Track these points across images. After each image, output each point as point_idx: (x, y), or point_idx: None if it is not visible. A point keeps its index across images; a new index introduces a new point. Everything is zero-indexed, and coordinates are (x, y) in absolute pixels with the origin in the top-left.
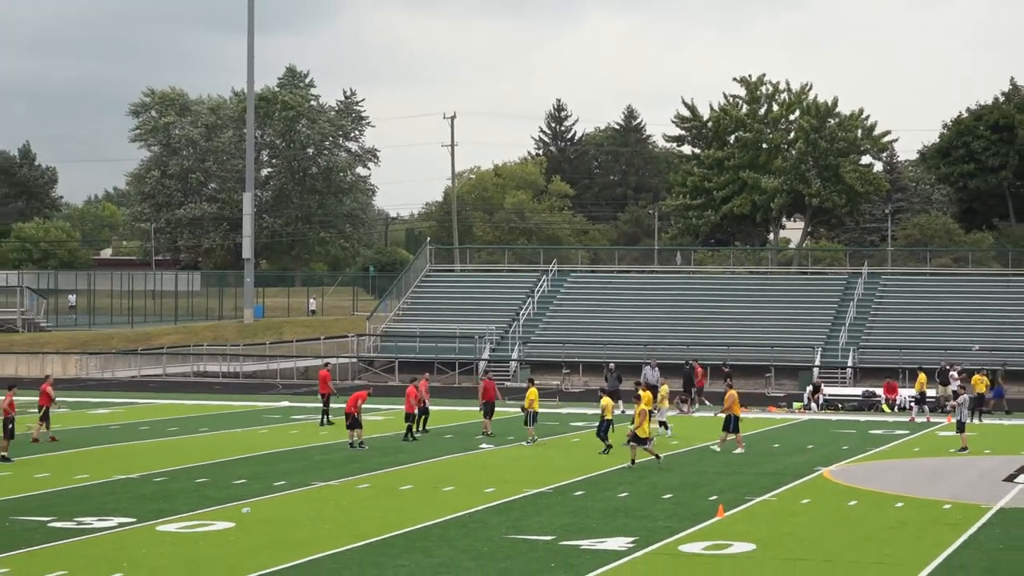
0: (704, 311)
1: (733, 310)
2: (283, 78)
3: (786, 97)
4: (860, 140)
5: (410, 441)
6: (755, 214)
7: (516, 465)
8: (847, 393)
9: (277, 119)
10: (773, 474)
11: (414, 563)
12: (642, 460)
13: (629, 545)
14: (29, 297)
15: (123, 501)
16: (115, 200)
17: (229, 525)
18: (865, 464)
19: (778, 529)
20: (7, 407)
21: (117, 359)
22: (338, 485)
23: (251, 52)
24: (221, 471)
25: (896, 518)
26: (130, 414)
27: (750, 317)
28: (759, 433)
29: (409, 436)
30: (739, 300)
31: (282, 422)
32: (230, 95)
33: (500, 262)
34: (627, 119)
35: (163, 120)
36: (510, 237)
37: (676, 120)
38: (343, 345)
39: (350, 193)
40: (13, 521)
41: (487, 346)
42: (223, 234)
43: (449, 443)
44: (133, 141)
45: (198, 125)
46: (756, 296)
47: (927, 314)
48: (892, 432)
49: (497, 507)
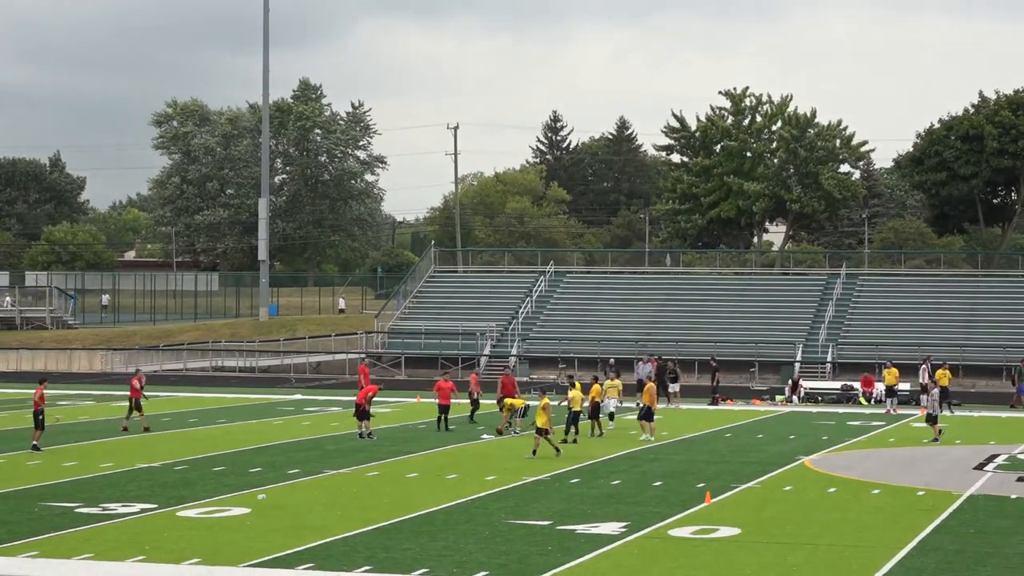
0: (692, 309)
1: (719, 309)
2: (297, 90)
3: (768, 109)
4: (838, 149)
5: (443, 431)
6: (740, 218)
7: (515, 455)
8: (826, 387)
9: (291, 129)
10: (757, 463)
11: (420, 546)
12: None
13: (622, 529)
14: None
15: (145, 488)
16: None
17: (246, 511)
18: (844, 453)
19: (762, 514)
20: (38, 399)
21: (140, 354)
22: (349, 473)
23: (266, 67)
24: (238, 460)
25: (873, 504)
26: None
27: (735, 315)
28: (744, 424)
29: (442, 426)
30: (725, 299)
31: (295, 414)
32: (246, 107)
33: (500, 263)
34: (619, 129)
35: (183, 129)
36: (510, 240)
37: (666, 130)
38: (352, 342)
39: (359, 198)
40: (42, 507)
41: (488, 342)
42: (239, 237)
43: (452, 434)
44: (155, 149)
45: (216, 135)
46: (741, 295)
47: (902, 312)
48: (869, 424)
49: (498, 494)
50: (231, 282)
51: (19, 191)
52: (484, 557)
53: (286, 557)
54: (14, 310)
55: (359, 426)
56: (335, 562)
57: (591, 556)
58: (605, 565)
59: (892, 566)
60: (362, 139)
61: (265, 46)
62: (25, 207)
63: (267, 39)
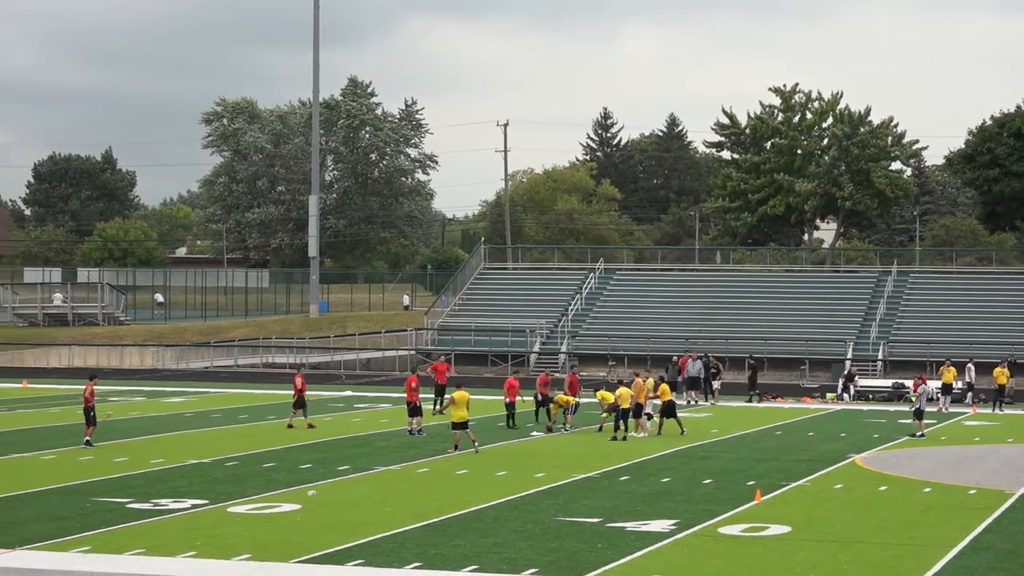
0: (742, 307)
1: (770, 306)
2: (346, 88)
3: (819, 106)
4: (890, 147)
5: (509, 428)
6: (790, 216)
7: (565, 452)
8: (877, 385)
9: (341, 127)
10: (808, 461)
11: (469, 543)
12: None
13: (671, 527)
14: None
15: (196, 484)
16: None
17: (296, 507)
18: (895, 451)
19: (812, 513)
20: (88, 395)
21: (191, 351)
22: (398, 469)
23: (316, 63)
24: (288, 456)
25: (924, 502)
26: (203, 402)
27: (785, 313)
28: (794, 422)
29: (509, 423)
30: (775, 297)
31: (345, 410)
32: (297, 104)
33: (550, 261)
34: (669, 126)
35: (233, 126)
36: (559, 237)
37: (716, 127)
38: (402, 339)
39: (410, 196)
40: (94, 502)
41: (537, 340)
42: (290, 234)
43: (502, 431)
44: (205, 147)
45: (265, 132)
46: (791, 293)
47: (953, 310)
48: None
49: (547, 491)
50: (282, 279)
51: (72, 188)
52: (534, 554)
53: (336, 553)
54: (66, 306)
55: (409, 423)
56: (384, 558)
57: (641, 554)
58: (655, 563)
59: (943, 565)
60: (413, 138)
61: (315, 43)
62: (78, 204)
63: (317, 36)
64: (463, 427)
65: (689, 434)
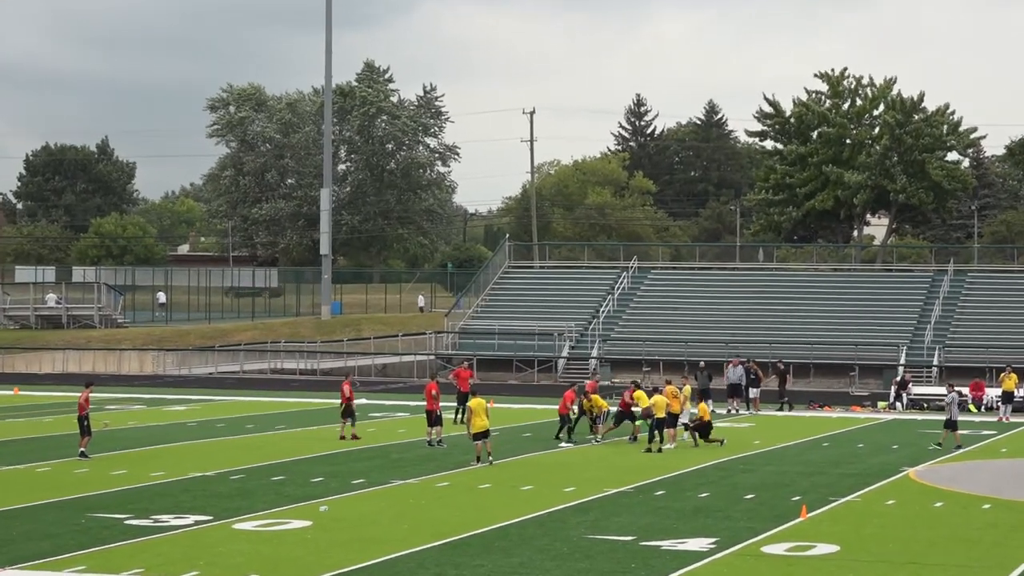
0: (787, 309)
1: (816, 308)
2: (361, 74)
3: (869, 92)
4: (946, 136)
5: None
6: (839, 210)
7: (596, 464)
8: (933, 392)
9: (355, 115)
10: (857, 475)
11: (493, 563)
12: (713, 461)
13: (711, 546)
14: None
15: (199, 499)
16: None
17: (307, 524)
18: (952, 465)
19: (862, 531)
20: (83, 403)
21: (194, 356)
22: (417, 483)
23: (329, 48)
24: (298, 469)
25: (983, 520)
26: (207, 411)
27: (834, 315)
28: (842, 433)
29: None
30: (822, 298)
31: (360, 419)
32: (308, 91)
33: (580, 259)
34: (708, 114)
35: (239, 115)
36: (590, 234)
37: (758, 115)
38: (420, 342)
39: (429, 189)
40: (90, 518)
41: (566, 344)
42: (300, 230)
43: (528, 442)
44: (210, 137)
45: (274, 121)
46: (840, 294)
47: (1014, 312)
48: (979, 432)
49: (577, 507)
50: (291, 278)
51: (67, 181)
52: (562, 575)
53: (349, 573)
54: (60, 307)
55: (428, 433)
56: None
57: (677, 575)
58: None
59: None
60: (433, 127)
61: (328, 25)
62: (73, 197)
63: (329, 17)
64: (484, 436)
65: (729, 445)
